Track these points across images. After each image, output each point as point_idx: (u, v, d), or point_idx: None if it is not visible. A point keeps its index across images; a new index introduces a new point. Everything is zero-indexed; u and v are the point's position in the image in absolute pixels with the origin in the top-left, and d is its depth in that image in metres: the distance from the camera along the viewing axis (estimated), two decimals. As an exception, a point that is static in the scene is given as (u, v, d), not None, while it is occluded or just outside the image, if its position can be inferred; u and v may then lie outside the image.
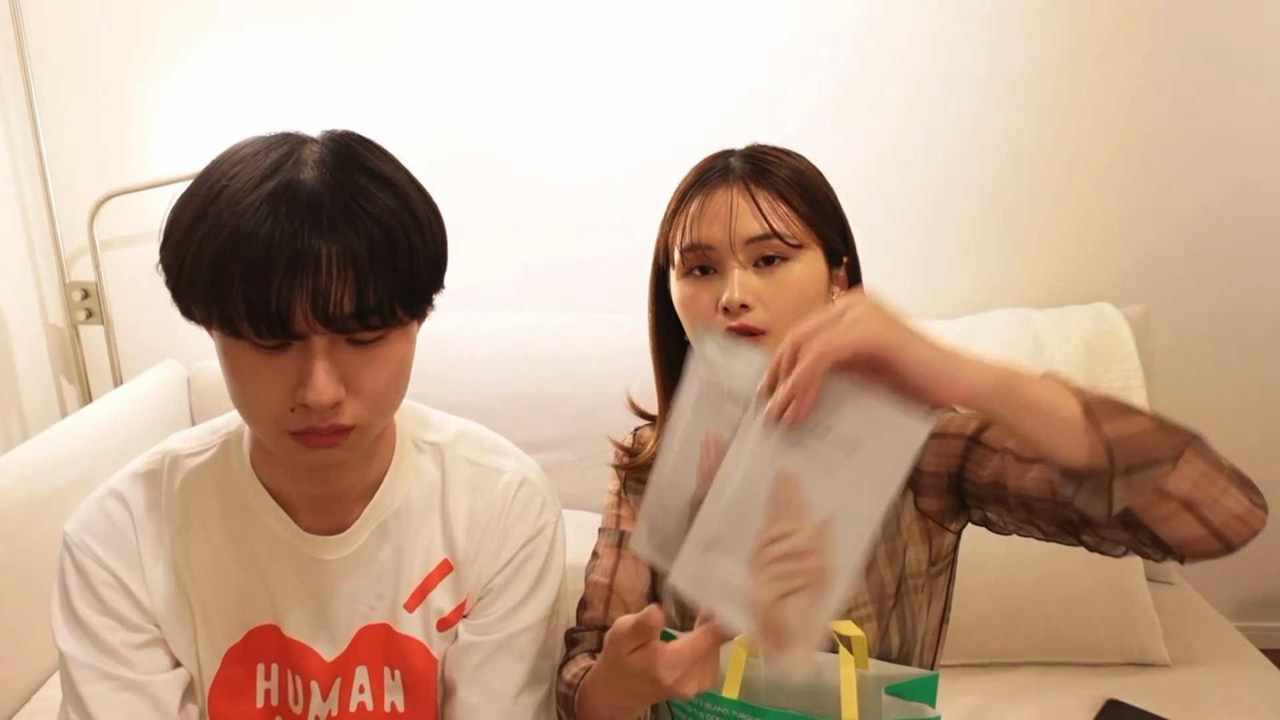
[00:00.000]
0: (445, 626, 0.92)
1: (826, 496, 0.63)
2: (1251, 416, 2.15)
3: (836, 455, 0.63)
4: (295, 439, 0.74)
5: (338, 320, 0.70)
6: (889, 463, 0.62)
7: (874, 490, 0.62)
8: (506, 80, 2.00)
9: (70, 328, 2.04)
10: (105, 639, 0.85)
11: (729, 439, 0.67)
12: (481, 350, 1.92)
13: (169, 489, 0.88)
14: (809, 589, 0.63)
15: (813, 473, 0.63)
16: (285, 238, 0.68)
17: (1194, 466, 0.67)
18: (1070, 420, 0.66)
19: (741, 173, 0.94)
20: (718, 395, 0.68)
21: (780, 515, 0.65)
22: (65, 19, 1.93)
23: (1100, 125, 2.00)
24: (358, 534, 0.88)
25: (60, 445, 1.55)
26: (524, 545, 0.93)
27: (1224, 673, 1.60)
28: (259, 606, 0.89)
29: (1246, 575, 2.25)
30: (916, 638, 0.94)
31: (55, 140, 1.97)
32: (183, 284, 0.72)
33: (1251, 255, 2.06)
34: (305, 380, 0.71)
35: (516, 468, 0.94)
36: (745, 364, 0.68)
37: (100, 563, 0.85)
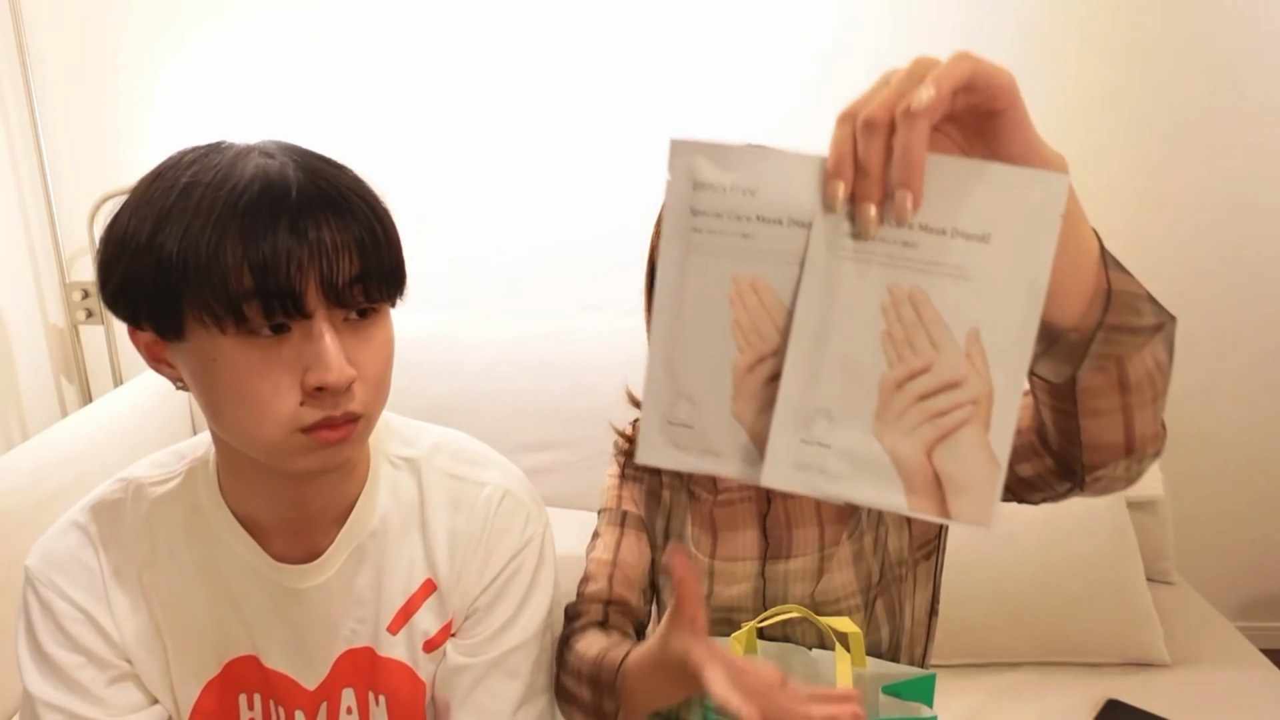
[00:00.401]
0: (432, 648, 0.88)
1: (963, 309, 0.49)
2: (1252, 418, 2.15)
3: (963, 253, 0.49)
4: (310, 435, 0.70)
5: (343, 292, 0.68)
6: (1034, 239, 0.49)
7: (1024, 280, 0.49)
8: (508, 82, 2.00)
9: (70, 328, 2.04)
10: (74, 676, 0.81)
11: (785, 277, 0.51)
12: (481, 351, 1.92)
13: (133, 518, 0.84)
14: (970, 424, 0.50)
15: (938, 285, 0.49)
16: (286, 201, 0.66)
17: (1156, 354, 0.64)
18: (1091, 249, 0.57)
19: None
20: (736, 224, 0.51)
21: (905, 349, 0.51)
22: (65, 20, 1.93)
23: (1099, 126, 2.00)
24: (332, 560, 0.84)
25: (60, 445, 1.55)
26: (510, 560, 0.88)
27: (1224, 673, 1.60)
28: (235, 638, 0.85)
29: (1246, 575, 2.26)
30: (905, 629, 0.94)
31: (55, 141, 1.97)
32: (162, 285, 0.67)
33: (1251, 256, 2.06)
34: (319, 361, 0.68)
35: (498, 479, 0.89)
36: (777, 171, 0.50)
37: (65, 597, 0.81)
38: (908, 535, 0.94)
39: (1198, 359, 2.11)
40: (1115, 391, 0.63)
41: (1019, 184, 0.48)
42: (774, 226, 0.50)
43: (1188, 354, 2.10)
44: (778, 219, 0.50)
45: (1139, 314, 0.61)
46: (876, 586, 0.92)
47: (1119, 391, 0.63)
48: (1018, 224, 0.48)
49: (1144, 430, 0.66)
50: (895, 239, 0.49)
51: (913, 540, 0.94)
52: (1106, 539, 1.64)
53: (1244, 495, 2.20)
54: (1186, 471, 2.09)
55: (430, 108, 2.01)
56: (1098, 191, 2.03)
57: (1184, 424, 2.09)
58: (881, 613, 0.93)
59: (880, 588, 0.93)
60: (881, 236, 0.49)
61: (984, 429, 0.50)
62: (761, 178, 0.50)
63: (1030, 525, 1.64)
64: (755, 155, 0.50)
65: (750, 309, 0.52)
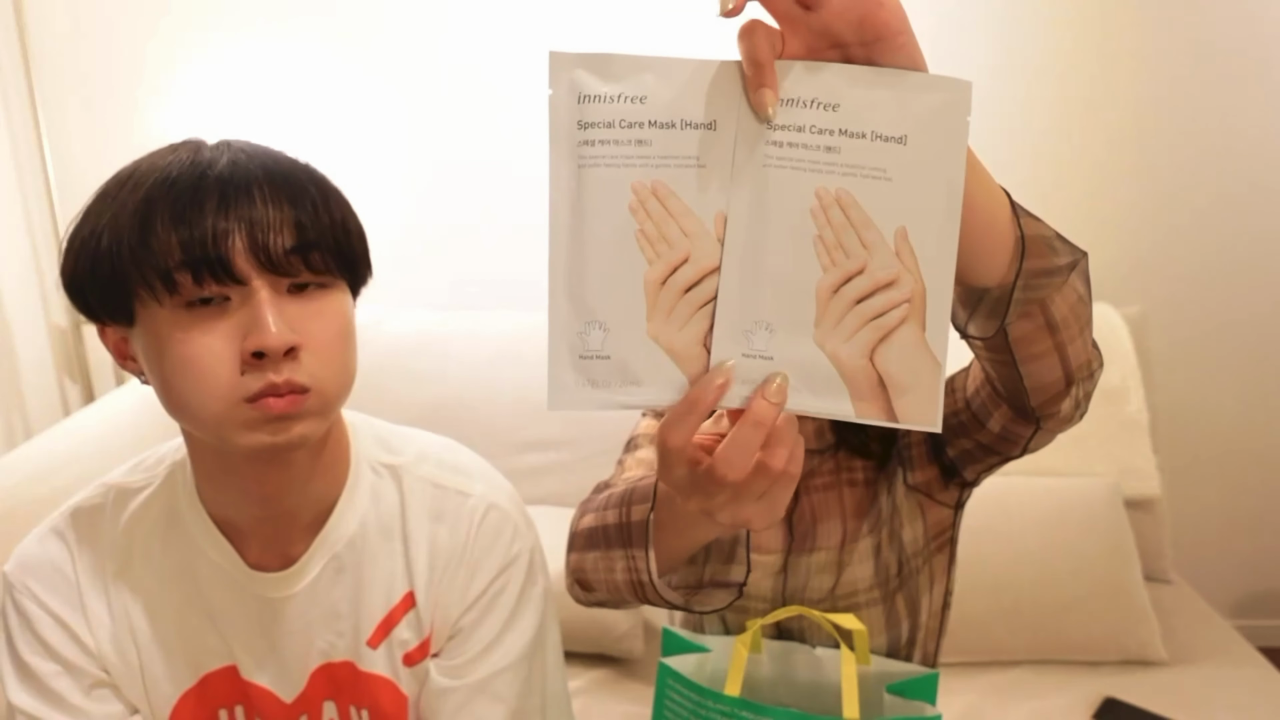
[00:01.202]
0: (412, 662, 0.85)
1: (889, 209, 0.50)
2: (1249, 417, 2.16)
3: (883, 155, 0.50)
4: (255, 405, 0.68)
5: (278, 259, 0.68)
6: (947, 138, 0.50)
7: (942, 178, 0.50)
8: (509, 80, 2.00)
9: (73, 327, 2.05)
10: (52, 686, 0.80)
11: (685, 179, 0.50)
12: (482, 350, 1.92)
13: (112, 525, 0.83)
14: (907, 323, 0.50)
15: (862, 187, 0.50)
16: (214, 176, 0.67)
17: (1074, 290, 0.65)
18: (1002, 204, 0.58)
19: None
20: (629, 133, 0.50)
21: (837, 253, 0.50)
22: (68, 19, 1.94)
23: (1097, 126, 2.01)
24: (307, 568, 0.82)
25: (63, 444, 1.56)
26: (494, 579, 0.84)
27: (1221, 671, 1.61)
28: (212, 648, 0.83)
29: (1243, 574, 2.26)
30: (921, 623, 0.95)
31: (58, 140, 1.97)
32: (102, 260, 0.68)
33: (1249, 256, 2.07)
34: (256, 325, 0.67)
35: (483, 491, 0.86)
36: (665, 77, 0.49)
37: (41, 605, 0.80)
38: (922, 525, 0.93)
39: (1197, 358, 2.12)
40: (1045, 334, 0.65)
41: (928, 87, 0.50)
42: (668, 130, 0.50)
43: (1186, 353, 2.11)
44: (671, 122, 0.50)
45: (1055, 253, 0.62)
46: (896, 578, 0.93)
47: (1048, 332, 0.65)
48: (931, 125, 0.50)
49: (1078, 360, 0.69)
50: (818, 144, 0.49)
51: (927, 530, 0.94)
52: (1104, 538, 1.65)
53: (1242, 494, 2.20)
54: (1184, 471, 2.10)
55: (430, 107, 2.01)
56: (1098, 192, 2.04)
57: (1183, 424, 2.09)
58: (902, 606, 0.93)
59: (900, 580, 0.93)
60: (804, 143, 0.49)
61: (920, 328, 0.50)
62: (650, 85, 0.49)
63: (1028, 524, 1.65)
64: (640, 64, 0.50)
65: (655, 215, 0.51)
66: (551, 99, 0.52)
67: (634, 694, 1.58)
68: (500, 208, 2.06)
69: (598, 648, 1.64)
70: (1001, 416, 0.78)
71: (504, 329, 1.96)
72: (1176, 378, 2.08)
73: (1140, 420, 1.81)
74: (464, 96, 2.01)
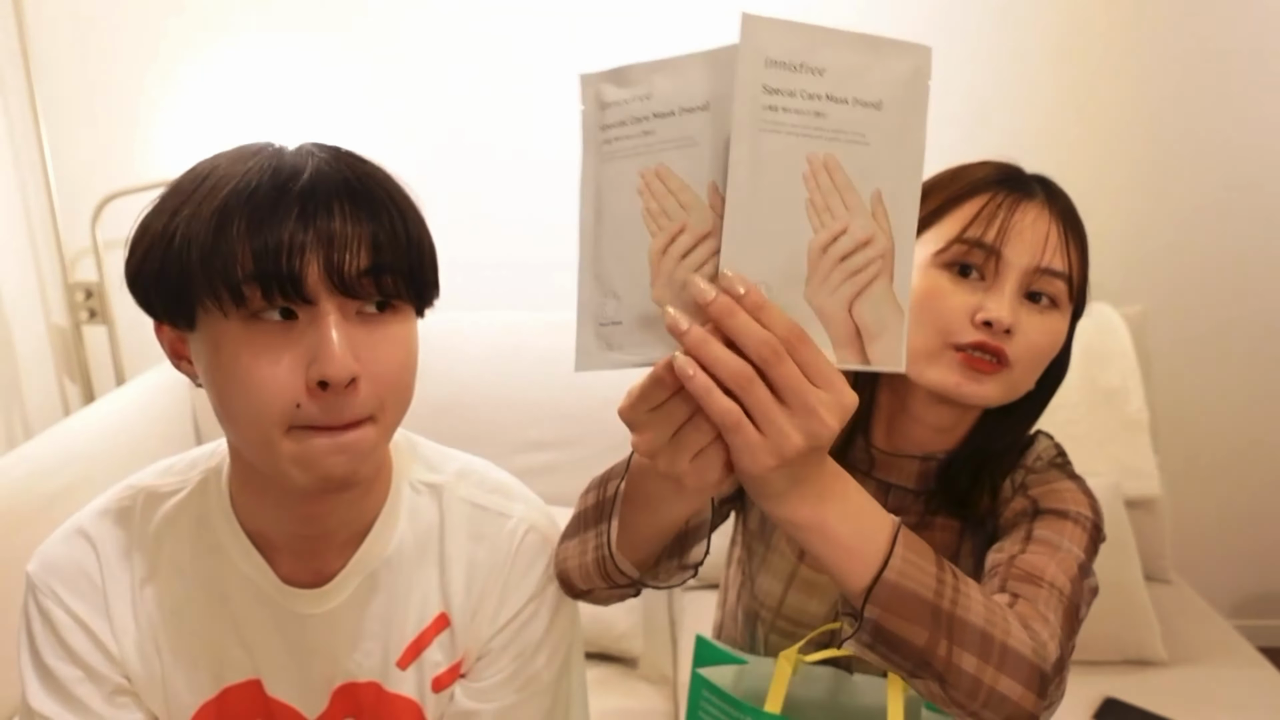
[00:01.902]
0: (440, 687, 0.84)
1: (866, 172, 0.54)
2: (1249, 416, 2.16)
3: (862, 120, 0.54)
4: (300, 444, 0.66)
5: (351, 281, 0.65)
6: (913, 103, 0.55)
7: (909, 141, 0.55)
8: (513, 77, 2.00)
9: (73, 328, 2.05)
10: (73, 691, 0.78)
11: (684, 159, 0.55)
12: (482, 349, 1.92)
13: (141, 529, 0.81)
14: (880, 277, 0.55)
15: (845, 151, 0.54)
16: (296, 189, 0.64)
17: (931, 688, 0.64)
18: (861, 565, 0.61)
19: (1048, 198, 0.85)
20: (637, 126, 0.55)
21: (825, 215, 0.54)
22: (68, 20, 1.94)
23: (1098, 126, 2.01)
24: (342, 586, 0.80)
25: (62, 445, 1.56)
26: (528, 602, 0.83)
27: (1221, 670, 1.61)
28: (235, 661, 0.82)
29: (1243, 574, 2.26)
30: None
31: (58, 141, 1.97)
32: (171, 261, 0.65)
33: (1249, 256, 2.07)
34: (322, 350, 0.64)
35: (524, 513, 0.84)
36: (668, 73, 0.55)
37: (65, 608, 0.79)
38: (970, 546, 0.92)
39: (1197, 359, 2.12)
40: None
41: (899, 54, 0.55)
42: (668, 118, 0.55)
43: (1186, 353, 2.11)
44: (670, 111, 0.55)
45: (904, 653, 0.63)
46: None
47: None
48: (902, 91, 0.55)
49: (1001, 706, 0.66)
50: (808, 109, 0.53)
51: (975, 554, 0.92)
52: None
53: (1241, 494, 2.21)
54: (1184, 470, 2.10)
55: (431, 107, 2.01)
56: (1098, 191, 2.04)
57: (1183, 423, 2.09)
58: None
59: None
60: (796, 108, 0.53)
61: (889, 281, 0.55)
62: (656, 83, 0.55)
63: (1028, 524, 1.65)
64: (651, 67, 0.55)
65: (657, 194, 0.56)
66: (583, 113, 0.58)
67: (633, 692, 1.58)
68: (502, 207, 2.07)
69: (597, 647, 1.64)
70: None
71: (504, 329, 1.96)
72: (1177, 378, 2.08)
73: (1140, 420, 1.81)
74: (465, 95, 2.01)
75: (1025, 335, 0.81)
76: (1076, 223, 0.85)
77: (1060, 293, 0.82)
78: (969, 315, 0.80)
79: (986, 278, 0.82)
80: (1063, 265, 0.82)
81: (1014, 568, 0.76)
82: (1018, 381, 0.82)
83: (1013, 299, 0.80)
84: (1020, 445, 0.91)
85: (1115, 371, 1.81)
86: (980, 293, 0.81)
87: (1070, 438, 1.86)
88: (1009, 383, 0.82)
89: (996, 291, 0.81)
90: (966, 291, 0.81)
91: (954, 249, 0.82)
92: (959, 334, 0.80)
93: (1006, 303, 0.80)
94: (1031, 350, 0.81)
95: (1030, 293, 0.82)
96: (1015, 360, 0.80)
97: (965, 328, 0.80)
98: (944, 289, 0.82)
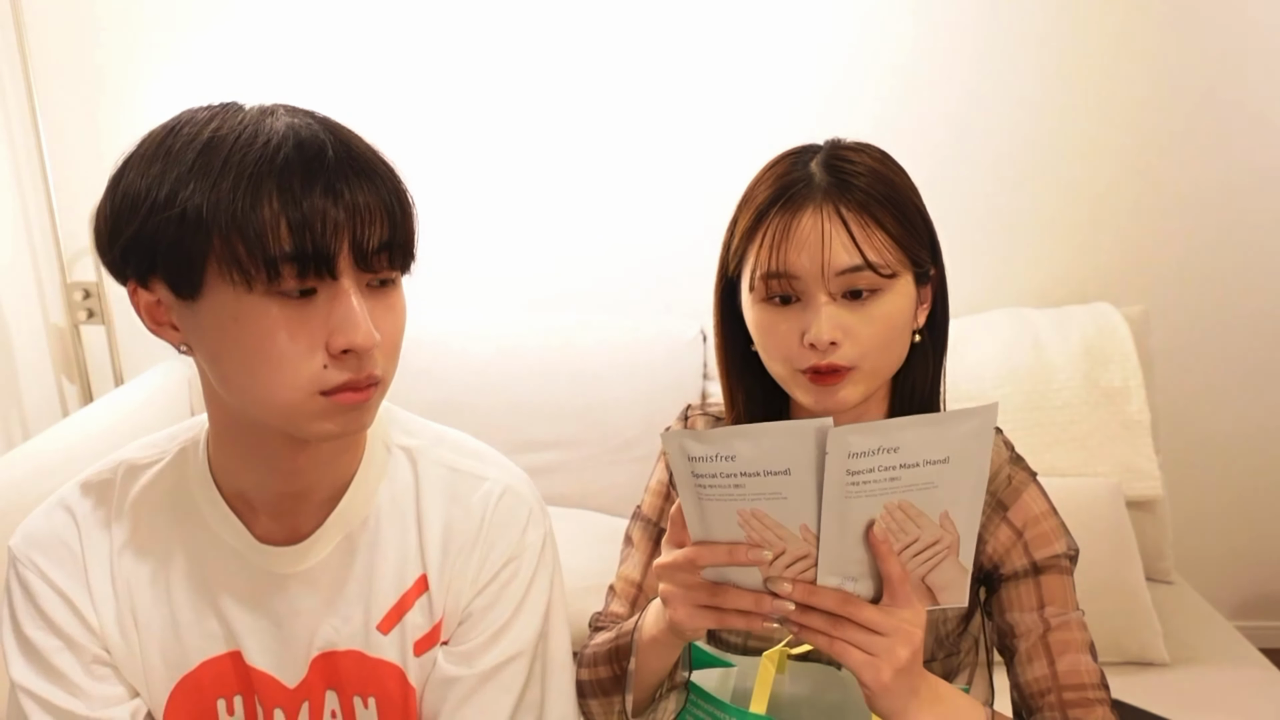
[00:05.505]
0: (422, 650, 0.84)
1: (935, 503, 0.70)
2: (1251, 416, 2.15)
3: (931, 473, 0.69)
4: (331, 398, 0.69)
5: (371, 257, 0.69)
6: (976, 451, 0.69)
7: (972, 474, 0.70)
8: (518, 78, 2.00)
9: (71, 328, 2.04)
10: (53, 662, 0.79)
11: (774, 505, 0.70)
12: (481, 351, 1.92)
13: (120, 500, 0.82)
14: (948, 557, 0.73)
15: (916, 496, 0.70)
16: (322, 162, 0.66)
17: None
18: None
19: (828, 188, 0.83)
20: (727, 480, 0.70)
21: (899, 533, 0.72)
22: (67, 20, 1.94)
23: (1100, 126, 2.01)
24: (319, 545, 0.81)
25: (61, 445, 1.55)
26: (507, 563, 0.84)
27: (1223, 672, 1.60)
28: (212, 634, 0.82)
29: (1246, 575, 2.26)
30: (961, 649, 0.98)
31: (57, 140, 1.97)
32: (186, 241, 0.65)
33: (1250, 255, 2.07)
34: (348, 323, 0.68)
35: (499, 475, 0.86)
36: (744, 441, 0.69)
37: (45, 578, 0.80)
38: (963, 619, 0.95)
39: (1197, 359, 2.11)
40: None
41: (966, 419, 0.68)
42: (755, 477, 0.69)
43: (1187, 353, 2.10)
44: (757, 472, 0.69)
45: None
46: (934, 660, 0.93)
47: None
48: (967, 444, 0.69)
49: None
50: (884, 477, 0.69)
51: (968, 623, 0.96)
52: (1106, 539, 1.64)
53: (1244, 495, 2.20)
54: (1186, 471, 2.09)
55: (431, 108, 2.01)
56: (1099, 191, 2.04)
57: (1184, 424, 2.09)
58: (937, 670, 0.93)
59: (939, 660, 0.94)
60: (873, 479, 0.68)
61: (956, 556, 0.73)
62: (736, 446, 0.68)
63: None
64: (728, 433, 0.69)
65: (757, 529, 0.71)
66: (672, 459, 0.72)
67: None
68: (503, 208, 2.06)
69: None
70: None
71: (505, 330, 1.95)
72: (1178, 377, 2.08)
73: (1142, 420, 1.80)
74: (466, 97, 2.01)
75: (856, 335, 0.83)
76: (873, 194, 0.84)
77: (872, 280, 0.83)
78: (799, 339, 0.83)
79: (801, 298, 0.84)
80: (852, 258, 0.82)
81: (1059, 680, 0.87)
82: (872, 370, 0.85)
83: (829, 310, 0.82)
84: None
85: (1116, 372, 1.81)
86: (801, 313, 0.84)
87: (1071, 438, 1.87)
88: (863, 377, 0.84)
89: (812, 309, 0.83)
90: (791, 318, 0.84)
91: (759, 287, 0.85)
92: (797, 359, 0.84)
93: (822, 318, 0.82)
94: (871, 341, 0.83)
95: (847, 292, 0.83)
96: (858, 359, 0.83)
97: (800, 352, 0.83)
98: (771, 322, 0.86)
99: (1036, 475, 0.94)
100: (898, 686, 0.72)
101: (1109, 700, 0.87)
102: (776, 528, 0.71)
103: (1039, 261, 2.07)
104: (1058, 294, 2.03)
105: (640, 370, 1.90)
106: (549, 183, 2.05)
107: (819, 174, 0.85)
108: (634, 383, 1.89)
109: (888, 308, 0.84)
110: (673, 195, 2.05)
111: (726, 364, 0.95)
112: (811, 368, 0.83)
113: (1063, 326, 1.86)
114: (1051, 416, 1.79)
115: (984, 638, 0.99)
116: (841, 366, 0.82)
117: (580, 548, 1.65)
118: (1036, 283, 2.07)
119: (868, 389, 0.85)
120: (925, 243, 0.87)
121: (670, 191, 2.05)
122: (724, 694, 0.90)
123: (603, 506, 1.86)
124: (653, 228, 2.07)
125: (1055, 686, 0.87)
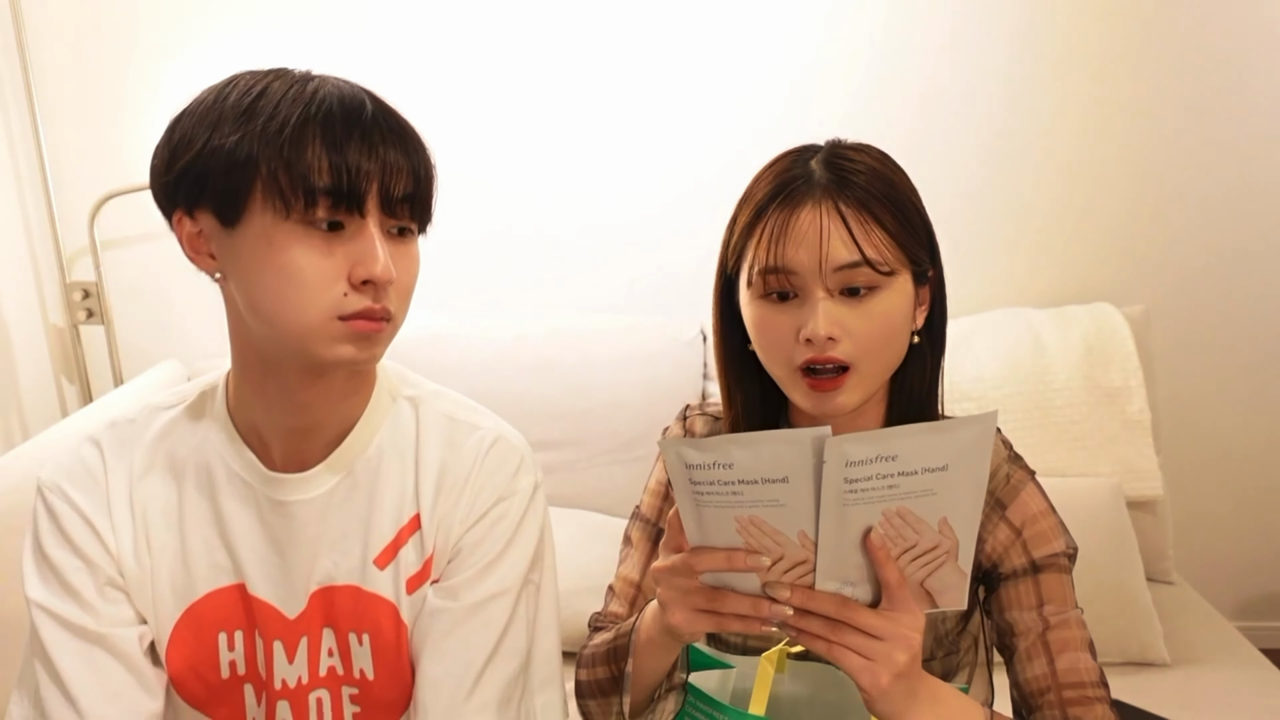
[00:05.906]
0: (413, 587, 0.88)
1: (934, 509, 0.71)
2: (1252, 416, 2.15)
3: (930, 480, 0.69)
4: (348, 323, 0.77)
5: (396, 205, 0.78)
6: (975, 459, 0.70)
7: (971, 482, 0.71)
8: (519, 81, 2.00)
9: (71, 328, 2.04)
10: (70, 580, 0.85)
11: (772, 512, 0.71)
12: (483, 350, 1.92)
13: (142, 434, 0.89)
14: (947, 562, 0.74)
15: (915, 503, 0.70)
16: (362, 119, 0.76)
17: None
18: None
19: (827, 185, 0.83)
20: (725, 487, 0.70)
21: (898, 538, 0.72)
22: (66, 20, 1.94)
23: (1100, 126, 2.00)
24: (323, 475, 0.86)
25: (61, 445, 1.55)
26: (496, 503, 0.88)
27: (1224, 672, 1.60)
28: (219, 565, 0.87)
29: (1246, 575, 2.26)
30: (960, 649, 0.98)
31: (56, 140, 1.97)
32: (235, 172, 0.74)
33: (1251, 255, 2.06)
34: (370, 255, 0.76)
35: (493, 424, 0.92)
36: (741, 449, 0.69)
37: (70, 502, 0.86)
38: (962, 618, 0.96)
39: (1198, 359, 2.11)
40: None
41: (965, 426, 0.68)
42: (753, 485, 0.69)
43: (1188, 353, 2.10)
44: (754, 479, 0.69)
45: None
46: (933, 659, 0.94)
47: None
48: (966, 452, 0.69)
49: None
50: (882, 485, 0.69)
51: (966, 622, 0.96)
52: (1106, 539, 1.64)
53: (1245, 495, 2.20)
54: (1186, 471, 2.09)
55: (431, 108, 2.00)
56: (1099, 191, 2.04)
57: (1184, 424, 2.09)
58: (936, 669, 0.94)
59: (938, 659, 0.94)
60: (872, 487, 0.69)
61: (955, 560, 0.74)
62: (733, 454, 0.69)
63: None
64: (725, 440, 0.69)
65: (755, 536, 0.72)
66: (669, 466, 0.72)
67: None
68: (503, 209, 2.06)
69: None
70: None
71: (505, 330, 1.95)
72: (1179, 377, 2.08)
73: (1142, 420, 1.80)
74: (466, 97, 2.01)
75: (854, 332, 0.83)
76: (873, 193, 0.84)
77: (870, 277, 0.83)
78: (795, 335, 0.83)
79: (799, 294, 0.84)
80: (850, 254, 0.82)
81: (1058, 679, 0.88)
82: (870, 375, 0.85)
83: (826, 306, 0.82)
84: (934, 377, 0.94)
85: (1117, 371, 1.81)
86: (798, 310, 0.84)
87: (1072, 438, 1.86)
88: (860, 381, 0.84)
89: (809, 305, 0.83)
90: (789, 314, 0.84)
91: (757, 283, 0.85)
92: (794, 356, 0.84)
93: (819, 314, 0.82)
94: (869, 340, 0.83)
95: (845, 289, 0.83)
96: (856, 358, 0.83)
97: (797, 349, 0.83)
98: (769, 319, 0.86)
99: (1035, 474, 0.94)
100: (896, 690, 0.73)
101: (1108, 698, 0.87)
102: (774, 534, 0.71)
103: (1039, 261, 2.07)
104: (1058, 294, 2.03)
105: (640, 370, 1.90)
106: (549, 183, 2.05)
107: (819, 171, 0.85)
108: (634, 383, 1.89)
109: (885, 305, 0.84)
110: (673, 195, 2.05)
111: (725, 363, 0.96)
112: (808, 361, 0.83)
113: (1063, 326, 1.86)
114: (1052, 416, 1.79)
115: (983, 637, 0.99)
116: (840, 361, 0.83)
117: (580, 548, 1.65)
118: (1037, 283, 2.07)
119: (866, 393, 0.85)
120: (924, 242, 0.87)
121: (670, 191, 2.05)
122: (723, 695, 0.90)
123: (603, 506, 1.86)
124: (653, 228, 2.07)
125: (1055, 685, 0.87)
